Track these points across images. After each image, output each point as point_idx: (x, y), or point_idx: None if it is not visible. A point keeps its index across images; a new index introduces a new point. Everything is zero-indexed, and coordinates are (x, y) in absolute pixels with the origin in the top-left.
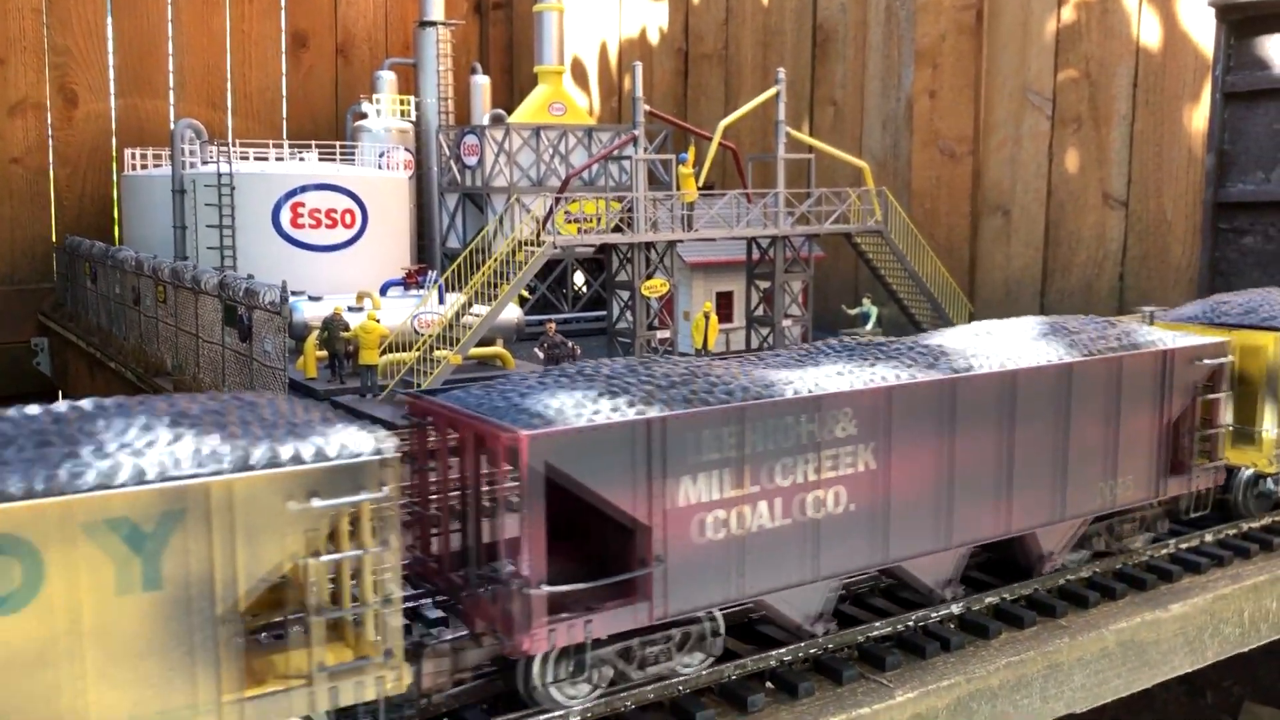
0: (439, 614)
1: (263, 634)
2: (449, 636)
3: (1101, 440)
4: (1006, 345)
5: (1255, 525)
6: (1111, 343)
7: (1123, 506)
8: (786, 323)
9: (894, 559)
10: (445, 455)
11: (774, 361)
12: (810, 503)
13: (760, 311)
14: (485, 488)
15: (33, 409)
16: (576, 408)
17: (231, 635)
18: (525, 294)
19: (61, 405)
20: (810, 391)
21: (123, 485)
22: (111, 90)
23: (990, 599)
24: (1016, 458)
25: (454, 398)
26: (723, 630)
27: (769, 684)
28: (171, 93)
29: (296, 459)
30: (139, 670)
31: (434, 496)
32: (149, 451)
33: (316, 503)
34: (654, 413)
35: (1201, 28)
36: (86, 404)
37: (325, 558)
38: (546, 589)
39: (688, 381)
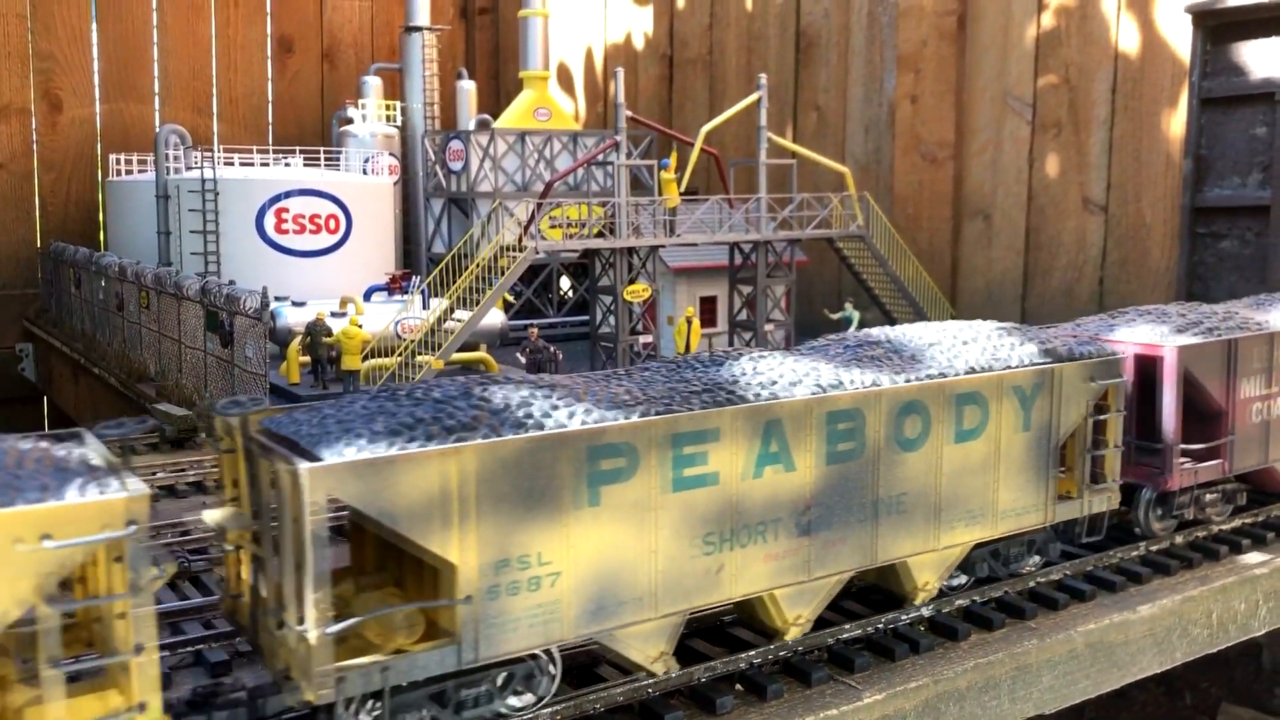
0: None
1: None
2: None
3: None
4: None
5: (1226, 528)
6: None
7: None
8: (769, 327)
9: None
10: None
11: (1246, 305)
12: None
13: (743, 316)
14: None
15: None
16: (1178, 332)
17: (1054, 464)
18: (510, 299)
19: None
20: None
21: (1019, 367)
22: (96, 95)
23: (960, 601)
24: None
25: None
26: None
27: (738, 686)
28: (157, 98)
29: (1087, 355)
30: (1018, 479)
31: None
32: (1019, 351)
33: (1096, 383)
34: (1226, 336)
35: (1179, 34)
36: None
37: (1099, 417)
38: (1182, 447)
39: (1229, 318)
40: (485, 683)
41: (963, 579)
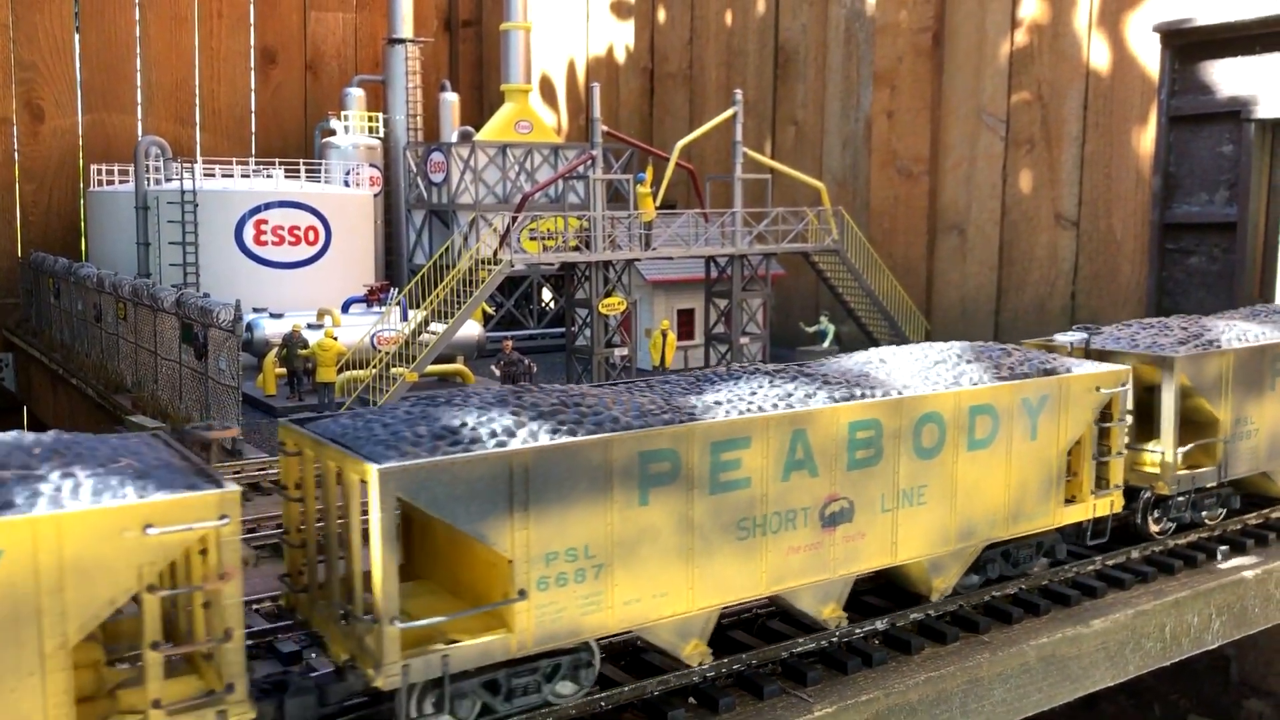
0: None
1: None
2: None
3: None
4: None
5: (1181, 542)
6: None
7: None
8: (744, 340)
9: None
10: None
11: None
12: None
13: (719, 329)
14: None
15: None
16: None
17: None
18: (490, 310)
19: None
20: None
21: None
22: (79, 106)
23: (915, 615)
24: None
25: None
26: None
27: (691, 699)
28: (139, 108)
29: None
30: None
31: None
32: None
33: None
34: None
35: (1148, 52)
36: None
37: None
38: None
39: None
40: (1208, 499)
41: None
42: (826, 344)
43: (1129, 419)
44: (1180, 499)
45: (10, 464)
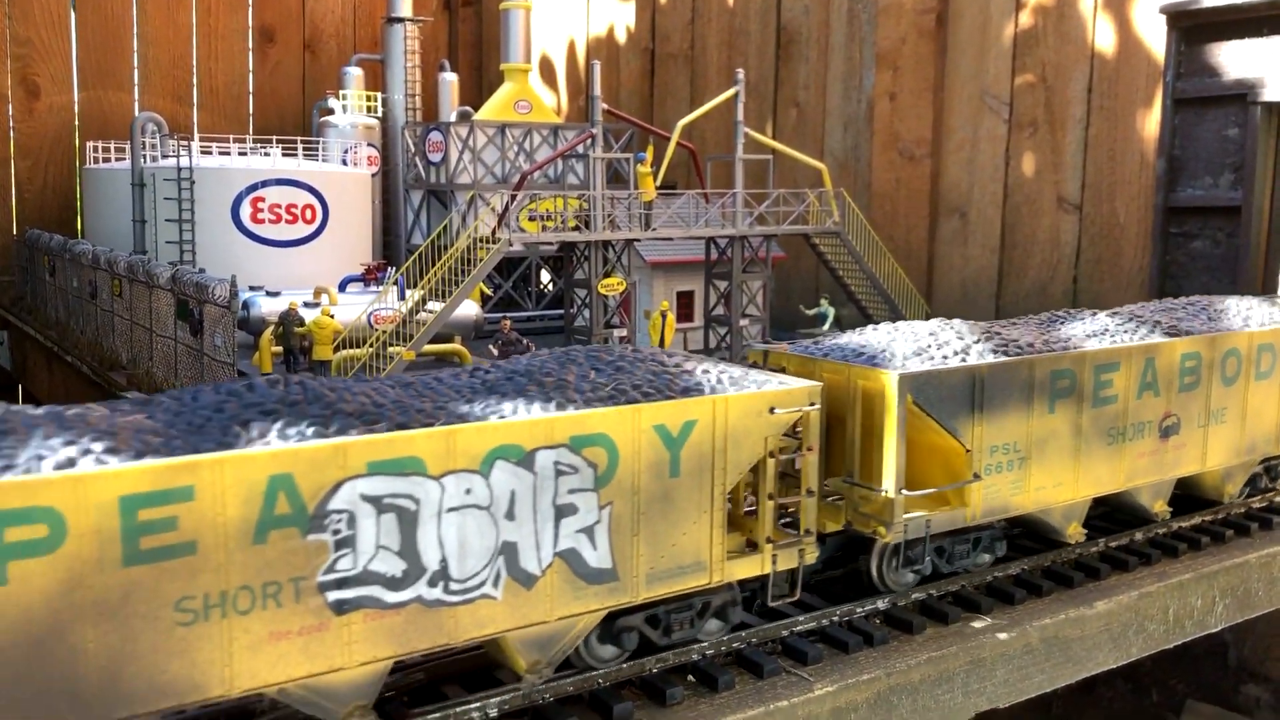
0: None
1: None
2: None
3: None
4: None
5: (1185, 524)
6: None
7: None
8: (744, 322)
9: None
10: None
11: None
12: None
13: (719, 311)
14: None
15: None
16: None
17: None
18: (488, 291)
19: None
20: None
21: None
22: (74, 82)
23: (917, 595)
24: None
25: None
26: None
27: (690, 677)
28: (136, 86)
29: None
30: None
31: None
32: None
33: None
34: None
35: (1154, 34)
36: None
37: None
38: None
39: None
40: None
41: None
42: (826, 327)
43: None
44: None
45: (677, 366)
